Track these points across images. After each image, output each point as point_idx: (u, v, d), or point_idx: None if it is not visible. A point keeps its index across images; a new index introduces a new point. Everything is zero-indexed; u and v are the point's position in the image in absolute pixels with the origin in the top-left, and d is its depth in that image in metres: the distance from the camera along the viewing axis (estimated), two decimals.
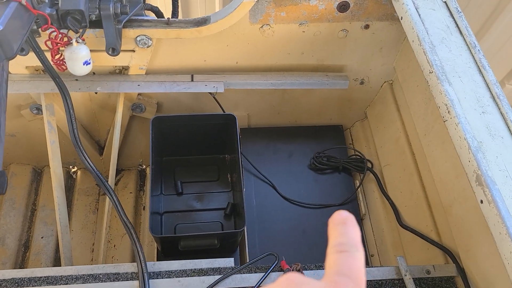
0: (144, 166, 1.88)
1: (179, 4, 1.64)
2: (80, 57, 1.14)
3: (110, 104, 1.61)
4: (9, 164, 1.82)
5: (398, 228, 1.45)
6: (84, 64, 1.15)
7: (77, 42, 1.13)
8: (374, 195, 1.59)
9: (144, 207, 1.79)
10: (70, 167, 1.87)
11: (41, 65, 1.23)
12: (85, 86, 1.42)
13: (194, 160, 1.62)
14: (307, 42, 1.46)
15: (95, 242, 1.69)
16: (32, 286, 1.12)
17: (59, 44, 1.10)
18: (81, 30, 1.13)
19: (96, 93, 1.48)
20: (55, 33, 1.08)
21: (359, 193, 1.62)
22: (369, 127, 1.71)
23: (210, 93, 1.51)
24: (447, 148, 1.23)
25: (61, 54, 1.16)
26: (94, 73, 1.46)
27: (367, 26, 1.42)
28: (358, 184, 1.62)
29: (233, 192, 1.56)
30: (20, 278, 1.14)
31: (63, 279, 1.15)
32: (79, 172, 1.85)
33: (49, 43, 1.10)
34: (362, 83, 1.61)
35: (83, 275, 1.16)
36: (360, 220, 1.59)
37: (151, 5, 1.46)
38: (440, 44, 1.14)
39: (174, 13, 1.61)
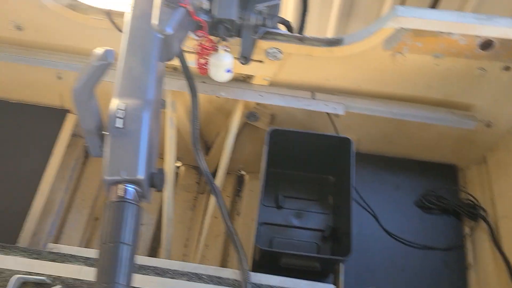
0: (244, 173, 1.91)
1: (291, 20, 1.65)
2: (224, 64, 1.18)
3: (226, 109, 1.65)
4: None
5: (510, 287, 1.34)
6: (226, 71, 1.19)
7: (224, 50, 1.17)
8: (484, 246, 1.48)
9: (238, 213, 1.81)
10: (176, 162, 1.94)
11: (172, 63, 1.28)
12: (210, 89, 1.47)
13: (298, 176, 1.61)
14: (438, 75, 1.40)
15: (189, 238, 1.74)
16: (142, 274, 1.17)
17: (207, 50, 1.15)
18: (228, 39, 1.17)
19: (218, 97, 1.52)
20: (205, 39, 1.13)
21: (468, 241, 1.52)
22: (487, 173, 1.60)
23: (327, 113, 1.50)
24: None
25: (206, 59, 1.21)
26: None
27: (507, 68, 1.34)
28: (468, 231, 1.52)
29: (333, 215, 1.53)
30: None
31: (170, 272, 1.18)
32: (183, 168, 1.92)
33: (198, 48, 1.15)
34: (488, 125, 1.52)
35: (188, 272, 1.19)
36: (465, 270, 1.49)
37: (283, 18, 1.48)
38: None
39: (301, 28, 1.63)
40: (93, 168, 1.83)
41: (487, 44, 1.30)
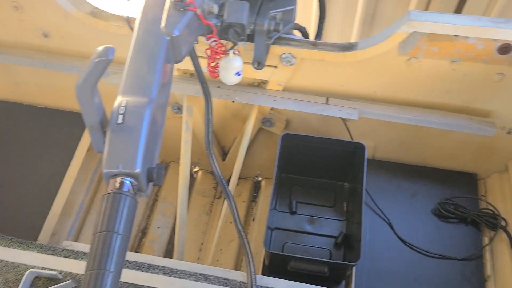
0: (260, 179, 1.92)
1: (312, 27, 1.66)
2: (233, 67, 1.20)
3: (241, 114, 1.67)
4: None
5: None
6: (235, 75, 1.21)
7: (234, 54, 1.19)
8: (504, 257, 1.43)
9: (254, 218, 1.82)
10: (193, 166, 1.97)
11: (190, 69, 1.32)
12: (225, 94, 1.49)
13: (313, 182, 1.61)
14: (455, 81, 1.38)
15: (204, 242, 1.75)
16: (150, 272, 1.19)
17: (217, 53, 1.17)
18: (238, 43, 1.19)
19: (232, 101, 1.54)
20: (215, 43, 1.15)
21: (487, 252, 1.47)
22: (508, 182, 1.55)
23: (342, 118, 1.49)
24: None
25: (216, 63, 1.23)
26: None
27: None
28: (487, 242, 1.47)
29: (347, 222, 1.52)
30: (140, 262, 1.22)
31: (178, 272, 1.20)
32: (200, 173, 1.95)
33: (208, 51, 1.18)
34: (509, 133, 1.47)
35: (195, 272, 1.20)
36: (483, 281, 1.44)
37: (299, 25, 1.50)
38: None
39: (318, 35, 1.63)
40: None
41: (505, 48, 1.27)
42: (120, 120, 0.78)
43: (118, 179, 0.74)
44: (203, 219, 1.81)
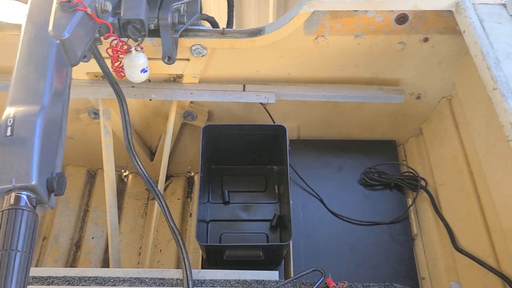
0: (192, 174, 1.90)
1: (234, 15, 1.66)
2: (138, 64, 1.17)
3: (163, 111, 1.65)
4: (66, 165, 1.90)
5: (453, 252, 1.37)
6: (141, 72, 1.19)
7: (136, 51, 1.16)
8: (427, 215, 1.52)
9: (190, 214, 1.81)
10: (122, 171, 1.92)
11: (100, 71, 1.28)
12: (140, 93, 1.46)
13: (243, 169, 1.62)
14: (362, 54, 1.43)
15: (142, 245, 1.72)
16: (82, 285, 1.15)
17: (119, 52, 1.14)
18: (140, 39, 1.16)
19: (150, 100, 1.51)
20: (116, 41, 1.12)
21: (411, 212, 1.56)
22: (424, 144, 1.65)
23: (261, 103, 1.51)
24: (510, 169, 1.15)
25: (121, 62, 1.20)
26: (149, 81, 1.50)
27: (426, 39, 1.37)
28: (410, 203, 1.56)
29: (280, 204, 1.54)
30: (71, 277, 1.17)
31: (111, 280, 1.17)
32: (130, 176, 1.90)
33: (110, 50, 1.14)
34: (418, 98, 1.56)
35: (130, 277, 1.17)
36: (411, 241, 1.52)
37: (207, 15, 1.49)
38: (506, 59, 1.08)
39: (229, 23, 1.63)
40: None
41: (402, 18, 1.33)
42: (8, 133, 0.74)
43: (13, 194, 0.70)
44: (139, 223, 1.78)
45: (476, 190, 1.34)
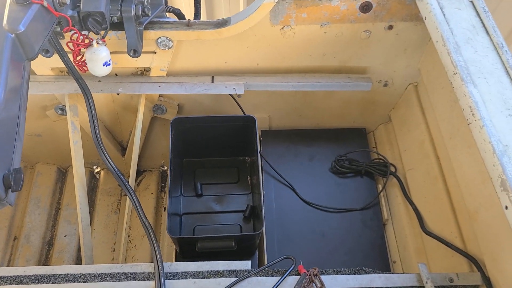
0: (165, 168, 1.89)
1: (203, 6, 1.65)
2: (100, 58, 1.16)
3: (132, 106, 1.63)
4: (35, 163, 1.87)
5: (422, 235, 1.41)
6: (104, 65, 1.17)
7: (97, 44, 1.14)
8: (397, 200, 1.55)
9: (164, 208, 1.80)
10: (94, 167, 1.90)
11: (65, 66, 1.25)
12: (107, 88, 1.44)
13: (214, 162, 1.62)
14: (328, 43, 1.44)
15: (116, 242, 1.71)
16: (52, 283, 1.13)
17: (80, 46, 1.12)
18: (102, 32, 1.14)
19: (118, 94, 1.50)
20: (76, 35, 1.10)
21: (382, 198, 1.59)
22: (393, 130, 1.67)
23: (231, 95, 1.51)
24: (473, 152, 1.18)
25: (83, 55, 1.18)
26: (116, 75, 1.48)
27: (390, 27, 1.39)
28: (380, 189, 1.58)
29: (252, 194, 1.55)
30: (40, 275, 1.16)
31: (82, 277, 1.16)
32: (102, 173, 1.88)
33: (70, 44, 1.12)
34: (386, 85, 1.58)
35: (101, 273, 1.17)
36: (382, 226, 1.55)
37: (172, 7, 1.47)
38: (465, 44, 1.10)
39: (197, 15, 1.62)
40: None
41: (366, 6, 1.34)
42: None
43: None
44: (112, 219, 1.76)
45: (443, 174, 1.37)
